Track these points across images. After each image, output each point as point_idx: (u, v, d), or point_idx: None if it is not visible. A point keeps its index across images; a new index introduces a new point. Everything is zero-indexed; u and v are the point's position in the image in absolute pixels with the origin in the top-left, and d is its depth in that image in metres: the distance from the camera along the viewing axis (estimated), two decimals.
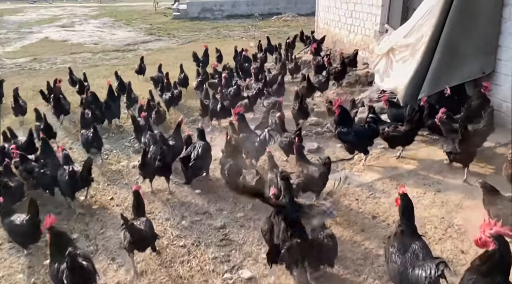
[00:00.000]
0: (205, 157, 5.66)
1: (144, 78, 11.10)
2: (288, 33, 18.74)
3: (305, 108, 7.16)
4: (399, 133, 5.47)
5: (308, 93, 8.15)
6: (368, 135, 5.50)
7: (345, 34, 10.47)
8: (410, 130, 5.43)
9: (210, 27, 20.98)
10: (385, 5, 8.59)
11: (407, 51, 7.57)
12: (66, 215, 5.14)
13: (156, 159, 5.44)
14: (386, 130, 5.55)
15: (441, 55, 5.86)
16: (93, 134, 6.54)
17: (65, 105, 8.36)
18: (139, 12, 27.65)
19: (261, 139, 5.77)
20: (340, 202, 4.83)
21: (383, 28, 8.72)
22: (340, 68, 8.71)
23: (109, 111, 7.96)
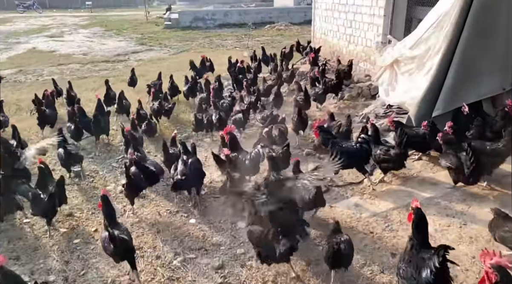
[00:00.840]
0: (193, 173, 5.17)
1: (136, 90, 10.47)
2: (282, 42, 18.33)
3: (305, 119, 6.82)
4: (389, 157, 4.97)
5: (306, 105, 7.67)
6: (360, 156, 5.06)
7: (344, 44, 9.97)
8: (400, 154, 4.93)
9: (202, 37, 20.48)
10: (387, 15, 8.11)
11: (413, 63, 7.07)
12: (43, 252, 4.51)
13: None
14: (377, 153, 5.06)
15: (457, 71, 5.36)
16: (66, 152, 6.00)
17: (50, 116, 7.91)
18: (130, 22, 27.08)
19: (252, 156, 5.32)
20: (353, 235, 4.26)
21: (386, 39, 8.24)
22: (336, 81, 8.24)
23: (98, 126, 7.34)
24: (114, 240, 3.68)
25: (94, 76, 13.08)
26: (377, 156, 5.06)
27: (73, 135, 7.22)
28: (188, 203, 5.33)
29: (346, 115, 6.62)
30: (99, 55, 16.50)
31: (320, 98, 8.10)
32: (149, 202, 5.47)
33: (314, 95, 8.01)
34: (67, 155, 6.03)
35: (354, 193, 5.10)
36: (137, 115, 7.69)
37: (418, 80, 6.75)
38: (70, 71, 13.71)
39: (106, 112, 7.71)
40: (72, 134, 7.22)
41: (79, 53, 16.95)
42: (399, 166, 5.03)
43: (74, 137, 7.25)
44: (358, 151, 5.05)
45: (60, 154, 6.08)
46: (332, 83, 8.17)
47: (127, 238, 3.81)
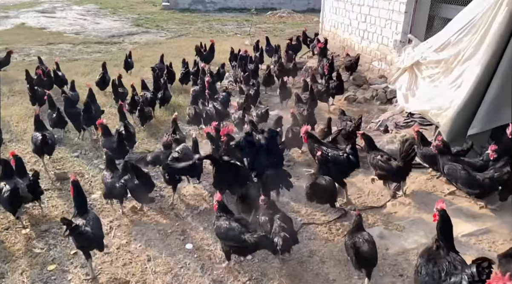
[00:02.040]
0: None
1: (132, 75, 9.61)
2: (285, 30, 17.41)
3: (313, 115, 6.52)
4: (389, 167, 4.56)
5: (313, 103, 6.91)
6: (344, 166, 4.70)
7: (356, 40, 9.15)
8: (403, 167, 4.52)
9: (202, 20, 19.42)
10: (409, 12, 7.29)
11: (438, 68, 6.32)
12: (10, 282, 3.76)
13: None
14: (376, 159, 4.66)
15: (501, 86, 4.62)
16: (42, 137, 5.40)
17: (42, 95, 7.36)
18: (127, 0, 25.74)
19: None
20: (379, 277, 3.58)
21: (406, 38, 7.45)
22: (337, 82, 7.44)
23: (89, 116, 6.55)
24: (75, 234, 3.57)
25: (86, 59, 12.10)
26: (375, 160, 4.68)
27: (55, 124, 6.60)
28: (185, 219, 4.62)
29: (340, 111, 6.39)
30: (92, 35, 15.42)
31: (322, 97, 7.35)
32: (140, 217, 4.73)
33: (316, 93, 7.19)
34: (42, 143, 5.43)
35: (376, 220, 4.40)
36: (132, 101, 7.17)
37: (444, 87, 6.01)
38: (60, 52, 12.69)
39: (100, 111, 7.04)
40: (53, 122, 6.58)
41: (71, 32, 15.84)
42: (398, 179, 4.67)
43: (56, 126, 6.64)
44: (343, 162, 4.67)
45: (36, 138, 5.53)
46: (334, 85, 7.45)
47: (90, 230, 3.63)
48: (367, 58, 8.76)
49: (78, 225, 3.60)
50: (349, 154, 4.67)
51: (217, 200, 3.86)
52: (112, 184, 4.60)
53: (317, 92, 7.21)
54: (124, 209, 4.78)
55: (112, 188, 4.59)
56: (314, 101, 6.98)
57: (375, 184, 5.00)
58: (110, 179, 4.65)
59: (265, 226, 3.79)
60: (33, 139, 5.61)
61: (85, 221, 3.68)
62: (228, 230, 3.63)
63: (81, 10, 21.41)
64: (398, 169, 4.52)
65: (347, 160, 4.65)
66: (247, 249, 3.60)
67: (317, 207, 4.71)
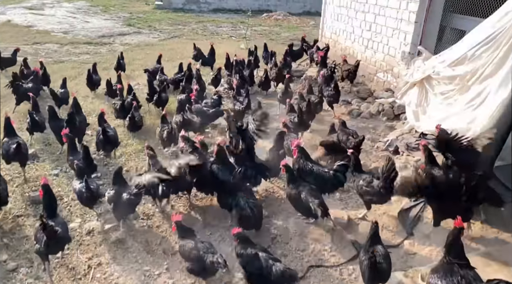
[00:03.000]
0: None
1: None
2: (281, 33, 16.85)
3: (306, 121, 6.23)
4: (371, 190, 4.25)
5: (309, 115, 6.48)
6: (331, 184, 4.53)
7: (359, 49, 8.61)
8: (384, 189, 4.16)
9: (196, 21, 18.73)
10: (419, 22, 6.76)
11: (453, 85, 5.81)
12: None
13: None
14: (359, 184, 4.38)
15: None
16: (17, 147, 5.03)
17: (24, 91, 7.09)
18: None
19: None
20: None
21: (416, 50, 6.91)
22: (333, 91, 7.02)
23: (72, 128, 5.85)
24: (47, 231, 3.51)
25: (73, 60, 11.39)
26: (359, 187, 4.39)
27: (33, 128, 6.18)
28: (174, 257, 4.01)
29: (330, 124, 5.98)
30: (81, 35, 14.66)
31: (316, 109, 6.82)
32: (123, 253, 4.11)
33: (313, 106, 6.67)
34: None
35: (393, 263, 3.83)
36: (121, 106, 6.76)
37: (460, 106, 5.49)
38: (46, 53, 11.94)
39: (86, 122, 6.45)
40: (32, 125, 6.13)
41: (59, 31, 15.05)
42: (383, 201, 4.36)
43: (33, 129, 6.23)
44: (328, 178, 4.50)
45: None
46: (330, 93, 7.03)
47: (60, 230, 3.65)
48: (371, 68, 8.22)
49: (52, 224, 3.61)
50: (336, 171, 4.50)
51: (175, 221, 3.74)
52: (80, 190, 4.35)
53: (313, 104, 6.68)
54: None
55: (80, 194, 4.36)
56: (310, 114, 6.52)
57: (389, 217, 4.46)
58: (78, 185, 4.40)
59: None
60: (4, 146, 5.09)
61: (55, 223, 3.68)
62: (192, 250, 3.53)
63: (71, 7, 20.55)
64: (380, 189, 4.18)
65: (332, 176, 4.50)
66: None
67: (325, 245, 4.15)
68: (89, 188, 4.31)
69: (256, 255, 3.41)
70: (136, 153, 6.17)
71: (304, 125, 6.24)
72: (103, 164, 5.89)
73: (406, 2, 6.91)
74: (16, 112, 7.18)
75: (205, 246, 3.56)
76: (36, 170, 5.63)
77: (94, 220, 4.63)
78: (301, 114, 6.14)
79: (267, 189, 5.22)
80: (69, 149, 5.18)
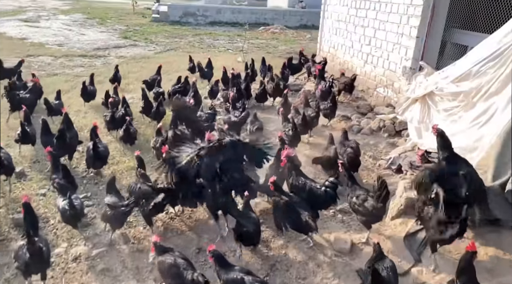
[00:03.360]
0: None
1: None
2: (278, 47, 16.76)
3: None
4: (363, 210, 4.14)
5: (305, 129, 6.45)
6: (323, 201, 4.38)
7: (359, 63, 8.45)
8: (376, 209, 4.06)
9: (192, 34, 18.62)
10: (420, 37, 6.61)
11: (457, 101, 5.62)
12: None
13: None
14: (352, 202, 4.26)
15: None
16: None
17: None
18: (116, 10, 24.90)
19: None
20: None
21: (417, 65, 6.75)
22: (330, 104, 6.93)
23: (62, 145, 5.66)
24: (31, 246, 3.46)
25: (67, 73, 11.15)
26: (352, 204, 4.29)
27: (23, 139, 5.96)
28: None
29: (329, 136, 5.77)
30: (76, 47, 14.47)
31: (312, 122, 6.67)
32: (111, 281, 3.81)
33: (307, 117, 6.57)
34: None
35: None
36: (111, 118, 6.66)
37: (466, 124, 5.30)
38: (39, 65, 11.70)
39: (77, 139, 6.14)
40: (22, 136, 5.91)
41: (54, 43, 14.85)
42: (375, 221, 4.23)
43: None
44: (319, 195, 4.35)
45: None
46: (326, 106, 6.93)
47: (44, 248, 3.56)
48: (370, 83, 8.05)
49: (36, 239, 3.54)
50: (327, 187, 4.34)
51: (154, 242, 3.62)
52: (63, 208, 4.18)
53: (309, 118, 6.57)
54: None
55: (63, 212, 4.19)
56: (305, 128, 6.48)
57: (394, 242, 4.21)
58: (61, 203, 4.24)
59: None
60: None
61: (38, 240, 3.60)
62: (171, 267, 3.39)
63: (67, 19, 20.43)
64: (373, 209, 4.06)
65: (324, 193, 4.33)
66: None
67: (328, 273, 3.88)
68: (73, 205, 4.15)
69: (242, 280, 3.21)
70: (128, 170, 5.89)
71: (299, 138, 6.14)
72: (93, 183, 5.61)
73: (407, 17, 6.77)
74: (6, 126, 6.95)
75: (185, 262, 3.41)
76: (22, 189, 5.34)
77: (81, 245, 4.33)
78: (295, 127, 6.03)
79: (264, 210, 4.96)
80: (52, 167, 4.95)
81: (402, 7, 6.88)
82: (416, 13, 6.54)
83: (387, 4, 7.32)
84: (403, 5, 6.85)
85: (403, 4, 6.84)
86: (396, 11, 7.04)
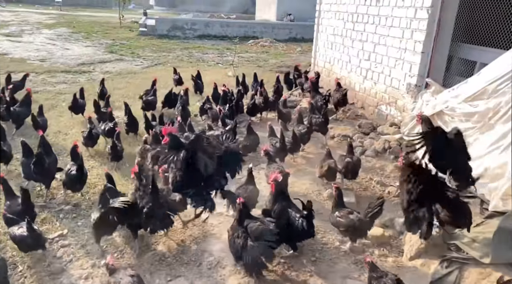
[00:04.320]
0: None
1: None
2: (268, 60, 16.29)
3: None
4: (350, 223, 4.00)
5: (295, 146, 6.05)
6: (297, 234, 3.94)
7: (357, 79, 7.96)
8: (365, 222, 4.00)
9: (180, 48, 18.06)
10: (426, 52, 6.14)
11: (471, 122, 5.13)
12: None
13: None
14: (336, 215, 4.14)
15: None
16: None
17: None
18: (102, 24, 24.23)
19: None
20: None
21: (422, 82, 6.28)
22: (322, 119, 6.58)
23: (39, 169, 5.03)
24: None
25: (48, 90, 10.44)
26: (335, 218, 4.12)
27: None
28: None
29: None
30: (59, 62, 13.75)
31: (303, 138, 6.31)
32: None
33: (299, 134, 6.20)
34: None
35: None
36: (88, 134, 6.21)
37: (484, 147, 4.79)
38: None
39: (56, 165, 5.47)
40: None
41: (36, 58, 14.11)
42: (362, 234, 4.10)
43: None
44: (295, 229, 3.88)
45: None
46: (319, 120, 6.57)
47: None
48: (370, 100, 7.56)
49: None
50: (302, 216, 3.86)
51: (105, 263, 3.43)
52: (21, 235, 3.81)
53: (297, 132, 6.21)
54: None
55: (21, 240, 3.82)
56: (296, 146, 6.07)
57: None
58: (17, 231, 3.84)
59: None
60: None
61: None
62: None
63: (51, 34, 19.67)
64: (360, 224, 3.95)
65: (300, 224, 3.85)
66: None
67: None
68: (32, 229, 3.78)
69: None
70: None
71: (285, 153, 5.83)
72: (71, 217, 4.92)
73: (410, 31, 6.31)
74: None
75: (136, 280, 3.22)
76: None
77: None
78: (283, 141, 5.72)
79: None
80: (5, 195, 4.41)
81: (404, 21, 6.43)
82: (420, 27, 6.09)
83: (387, 18, 6.87)
84: (405, 19, 6.40)
85: (406, 18, 6.38)
86: (398, 25, 6.58)
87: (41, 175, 5.10)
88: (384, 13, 6.90)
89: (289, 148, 5.86)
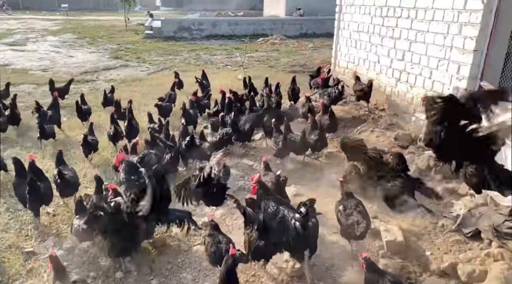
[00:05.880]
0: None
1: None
2: (280, 59, 15.20)
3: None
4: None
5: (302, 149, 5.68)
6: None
7: (388, 82, 6.85)
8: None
9: (188, 50, 17.05)
10: (480, 50, 5.01)
11: None
12: None
13: None
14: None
15: None
16: None
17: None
18: (107, 28, 23.35)
19: None
20: None
21: (474, 85, 5.15)
22: (328, 120, 6.03)
23: (35, 197, 4.43)
24: None
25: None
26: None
27: None
28: None
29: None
30: (62, 71, 12.86)
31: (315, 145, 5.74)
32: None
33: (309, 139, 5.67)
34: None
35: None
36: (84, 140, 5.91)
37: None
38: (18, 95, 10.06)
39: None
40: None
41: (38, 68, 13.24)
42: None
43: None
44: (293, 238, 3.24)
45: None
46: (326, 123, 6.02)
47: None
48: (405, 106, 6.46)
49: None
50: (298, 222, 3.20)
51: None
52: None
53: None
54: None
55: None
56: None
57: None
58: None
59: None
60: None
61: None
62: None
63: (55, 41, 18.83)
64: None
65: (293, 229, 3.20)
66: None
67: None
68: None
69: None
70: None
71: (288, 152, 5.61)
72: None
73: (458, 25, 5.18)
74: None
75: None
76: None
77: None
78: (285, 139, 5.47)
79: None
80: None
81: (450, 13, 5.30)
82: (472, 20, 4.96)
83: (426, 11, 5.74)
84: (451, 11, 5.26)
85: (452, 10, 5.25)
86: (441, 19, 5.46)
87: (36, 199, 4.48)
88: (423, 5, 5.77)
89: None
